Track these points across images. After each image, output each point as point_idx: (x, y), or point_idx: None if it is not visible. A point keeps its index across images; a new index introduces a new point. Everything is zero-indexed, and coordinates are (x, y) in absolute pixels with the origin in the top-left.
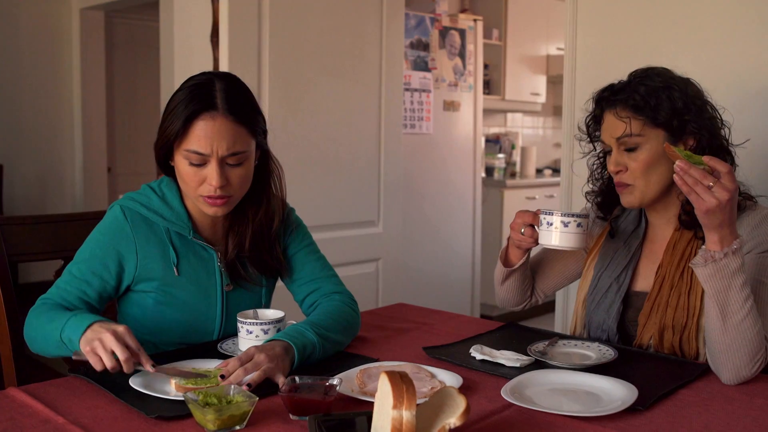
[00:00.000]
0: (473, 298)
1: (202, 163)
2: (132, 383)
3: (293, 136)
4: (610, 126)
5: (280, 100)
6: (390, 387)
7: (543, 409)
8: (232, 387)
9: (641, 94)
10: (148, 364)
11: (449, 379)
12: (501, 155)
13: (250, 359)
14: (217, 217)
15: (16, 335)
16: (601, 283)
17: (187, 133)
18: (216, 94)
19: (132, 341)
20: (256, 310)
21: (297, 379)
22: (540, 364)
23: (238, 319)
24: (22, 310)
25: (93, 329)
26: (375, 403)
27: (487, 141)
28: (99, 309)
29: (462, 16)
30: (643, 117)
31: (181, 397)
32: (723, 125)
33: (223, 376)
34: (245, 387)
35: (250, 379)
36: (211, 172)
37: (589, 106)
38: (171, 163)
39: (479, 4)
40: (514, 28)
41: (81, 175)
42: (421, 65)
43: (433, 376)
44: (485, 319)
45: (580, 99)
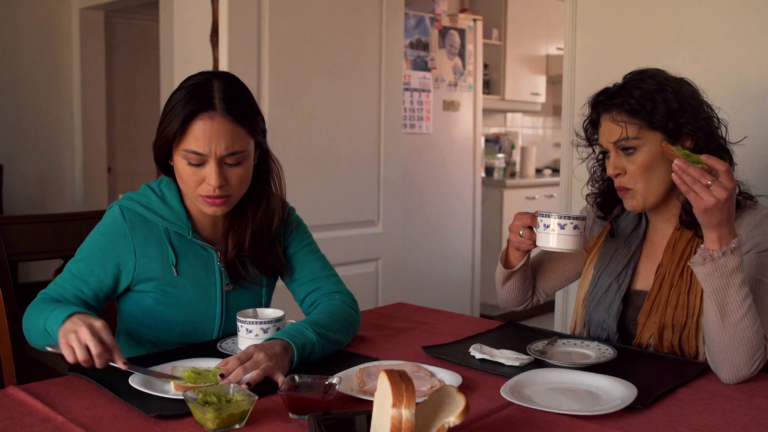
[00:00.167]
0: (473, 298)
1: (201, 163)
2: (131, 382)
3: (293, 136)
4: (607, 130)
5: (279, 100)
6: (389, 386)
7: (542, 408)
8: (232, 386)
9: (636, 98)
10: (120, 361)
11: (449, 378)
12: (501, 155)
13: (249, 358)
14: (217, 217)
15: (16, 334)
16: (601, 283)
17: (185, 133)
18: (214, 94)
19: (107, 337)
20: (256, 310)
21: (296, 378)
22: (539, 363)
23: (238, 318)
24: (22, 309)
25: (72, 321)
26: (374, 402)
27: (487, 141)
28: (96, 308)
29: (462, 15)
30: (639, 120)
31: (181, 396)
32: (720, 124)
33: (222, 375)
34: (245, 386)
35: (250, 378)
36: (210, 172)
37: (585, 110)
38: (170, 163)
39: (479, 4)
40: (513, 28)
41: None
42: (421, 65)
43: (432, 375)
44: (485, 318)
45: (579, 99)
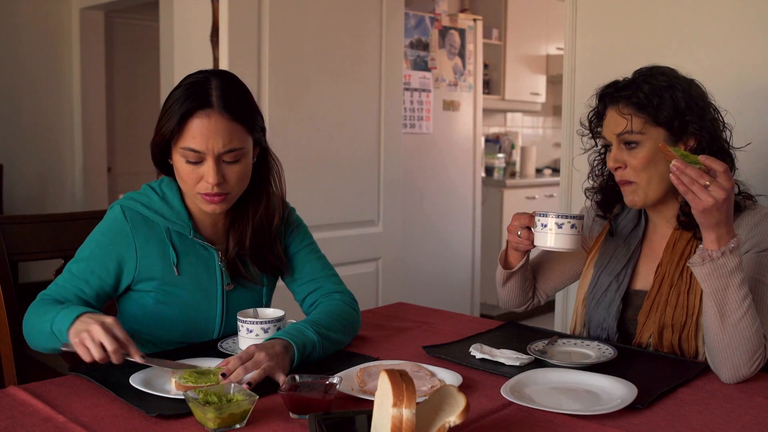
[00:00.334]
0: (473, 298)
1: (199, 161)
2: (132, 381)
3: (293, 136)
4: (612, 122)
5: (279, 100)
6: (390, 385)
7: (543, 408)
8: (233, 385)
9: (645, 92)
10: (137, 354)
11: (449, 378)
12: (501, 155)
13: (250, 358)
14: (218, 216)
15: (17, 334)
16: (601, 282)
17: (183, 131)
18: (211, 92)
19: (120, 332)
20: (256, 309)
21: (297, 377)
22: (540, 363)
23: (238, 317)
24: (22, 309)
25: (82, 320)
26: (375, 402)
27: (487, 141)
28: (97, 307)
29: (462, 15)
30: (644, 115)
31: (182, 396)
32: (725, 128)
33: (223, 374)
34: (245, 385)
35: (250, 378)
36: (208, 170)
37: (592, 101)
38: (170, 161)
39: (479, 4)
40: (513, 28)
41: (81, 175)
42: (421, 65)
43: (432, 375)
44: (485, 318)
45: (579, 98)
